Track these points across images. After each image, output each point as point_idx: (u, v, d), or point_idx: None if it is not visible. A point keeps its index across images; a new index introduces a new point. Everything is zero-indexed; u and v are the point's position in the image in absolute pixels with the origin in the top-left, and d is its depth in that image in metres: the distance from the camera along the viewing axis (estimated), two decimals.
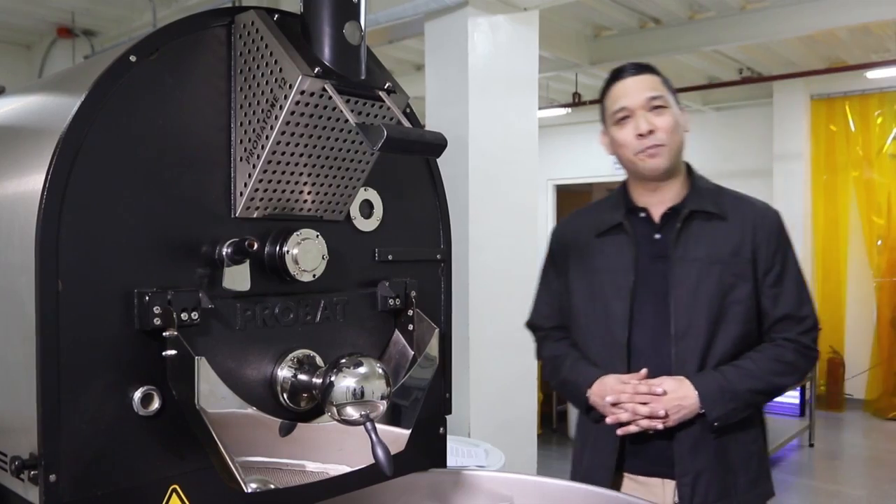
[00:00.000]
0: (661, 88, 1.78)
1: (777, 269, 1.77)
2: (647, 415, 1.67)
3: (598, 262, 1.83)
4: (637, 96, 1.76)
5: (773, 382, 1.74)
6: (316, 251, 1.18)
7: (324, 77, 1.05)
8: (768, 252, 1.76)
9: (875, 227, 7.25)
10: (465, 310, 3.46)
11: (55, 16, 5.35)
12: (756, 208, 1.82)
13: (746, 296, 1.74)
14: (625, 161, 1.82)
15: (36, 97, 1.19)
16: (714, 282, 1.72)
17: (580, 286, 1.86)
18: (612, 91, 1.83)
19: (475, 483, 1.44)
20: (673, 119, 1.76)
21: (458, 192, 3.53)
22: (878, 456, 6.06)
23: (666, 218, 1.80)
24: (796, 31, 5.29)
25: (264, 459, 1.10)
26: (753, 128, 7.82)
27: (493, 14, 3.71)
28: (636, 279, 1.77)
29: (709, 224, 1.77)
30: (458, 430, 3.41)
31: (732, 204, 1.81)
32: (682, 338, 1.72)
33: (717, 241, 1.75)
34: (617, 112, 1.79)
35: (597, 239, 1.85)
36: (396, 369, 1.32)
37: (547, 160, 8.26)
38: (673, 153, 1.76)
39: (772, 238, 1.78)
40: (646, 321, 1.76)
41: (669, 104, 1.77)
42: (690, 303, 1.72)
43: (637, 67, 1.82)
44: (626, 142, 1.78)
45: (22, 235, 0.96)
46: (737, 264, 1.74)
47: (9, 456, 0.99)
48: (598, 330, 1.82)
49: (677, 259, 1.74)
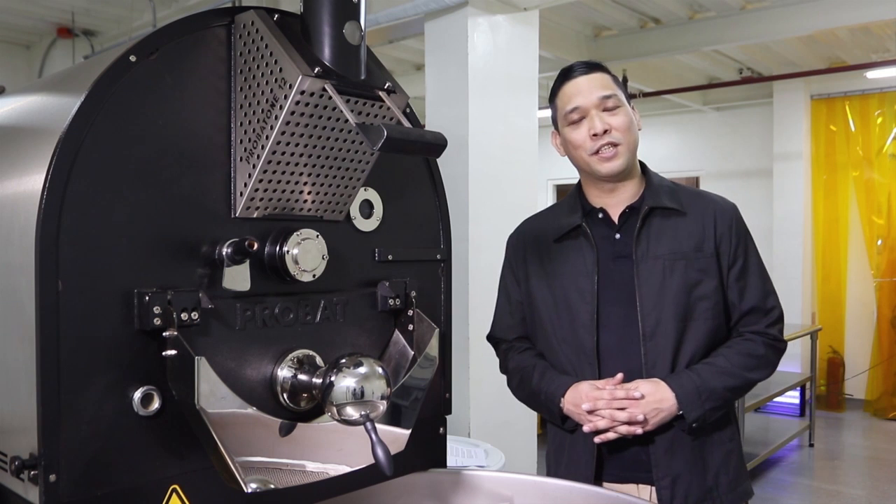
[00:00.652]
0: (612, 87, 1.75)
1: (740, 261, 1.75)
2: (625, 420, 1.64)
3: (559, 267, 1.79)
4: (590, 95, 1.72)
5: (746, 378, 1.72)
6: (316, 251, 1.18)
7: (324, 77, 1.05)
8: (731, 245, 1.74)
9: (875, 227, 7.25)
10: (465, 310, 3.46)
11: (55, 16, 5.35)
12: (715, 202, 1.80)
13: (712, 290, 1.72)
14: (579, 162, 1.78)
15: (36, 97, 1.19)
16: (679, 278, 1.70)
17: (543, 293, 1.82)
18: (563, 91, 1.78)
19: (475, 483, 1.44)
20: (627, 118, 1.73)
21: (458, 192, 3.53)
22: (878, 456, 6.06)
23: (625, 217, 1.77)
24: (796, 31, 5.28)
25: (264, 459, 1.10)
26: (753, 128, 7.82)
27: (493, 14, 3.71)
28: (599, 281, 1.73)
29: (669, 220, 1.74)
30: (458, 430, 3.41)
31: (690, 199, 1.78)
32: (650, 337, 1.69)
33: (678, 237, 1.73)
34: (570, 112, 1.74)
35: (556, 244, 1.81)
36: (396, 369, 1.32)
37: (547, 160, 8.21)
38: (629, 152, 1.73)
39: (733, 231, 1.75)
40: (613, 323, 1.73)
41: (622, 103, 1.74)
42: (657, 301, 1.69)
43: (587, 66, 1.77)
44: (580, 142, 1.74)
45: (22, 235, 0.97)
46: (700, 259, 1.72)
47: (9, 456, 0.99)
48: (564, 336, 1.77)
49: (640, 257, 1.71)
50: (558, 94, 1.79)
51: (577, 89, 1.74)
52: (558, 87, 1.79)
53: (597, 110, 1.72)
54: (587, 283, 1.74)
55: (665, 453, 1.69)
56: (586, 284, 1.74)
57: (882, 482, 5.39)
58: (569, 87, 1.76)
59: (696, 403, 1.65)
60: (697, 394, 1.65)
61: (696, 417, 1.66)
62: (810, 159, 7.45)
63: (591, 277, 1.74)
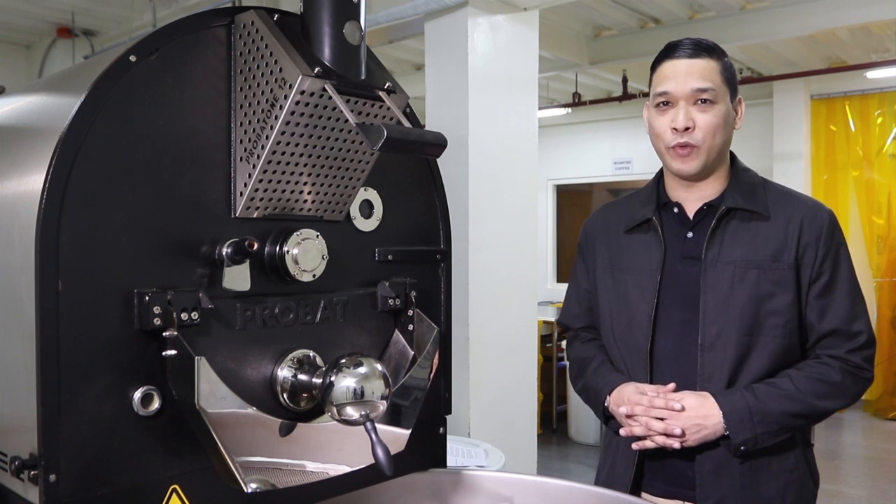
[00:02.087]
0: (714, 78, 1.57)
1: (826, 277, 1.57)
2: (660, 431, 1.53)
3: (624, 260, 1.69)
4: (684, 84, 1.56)
5: (814, 406, 1.54)
6: (316, 251, 1.18)
7: (324, 77, 1.05)
8: (817, 257, 1.57)
9: (875, 226, 7.25)
10: (465, 310, 3.46)
11: (55, 16, 5.35)
12: (805, 206, 1.61)
13: (786, 306, 1.56)
14: (657, 150, 1.66)
15: (36, 97, 1.19)
16: (749, 288, 1.55)
17: (606, 285, 1.72)
18: (660, 68, 1.62)
19: (475, 483, 1.44)
20: (719, 118, 1.57)
21: (458, 192, 3.53)
22: (878, 456, 6.06)
23: (701, 214, 1.64)
24: (796, 31, 5.28)
25: (264, 459, 1.10)
26: (753, 127, 7.81)
27: (493, 14, 3.70)
28: (662, 281, 1.62)
29: (748, 224, 1.59)
30: (457, 430, 3.41)
31: (777, 201, 1.62)
32: (710, 348, 1.56)
33: (755, 243, 1.58)
34: (659, 95, 1.60)
35: (625, 235, 1.70)
36: (396, 369, 1.32)
37: (547, 160, 8.26)
38: (709, 156, 1.59)
39: (822, 241, 1.57)
40: (671, 327, 1.61)
41: (720, 99, 1.58)
42: (721, 310, 1.56)
43: (695, 47, 1.58)
44: (660, 131, 1.61)
45: (22, 235, 0.96)
46: (777, 270, 1.56)
47: (9, 456, 0.99)
48: (621, 333, 1.68)
49: (709, 261, 1.58)
50: (656, 69, 1.64)
51: (673, 72, 1.59)
52: (658, 61, 1.64)
53: (687, 102, 1.57)
54: (649, 282, 1.63)
55: (710, 473, 1.57)
56: (648, 283, 1.63)
57: (882, 482, 5.39)
58: (667, 66, 1.60)
59: (745, 425, 1.51)
60: (749, 415, 1.51)
61: (745, 440, 1.52)
62: (810, 159, 7.45)
63: (654, 277, 1.63)
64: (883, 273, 7.20)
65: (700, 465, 1.58)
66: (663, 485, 1.64)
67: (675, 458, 1.60)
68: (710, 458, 1.57)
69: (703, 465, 1.57)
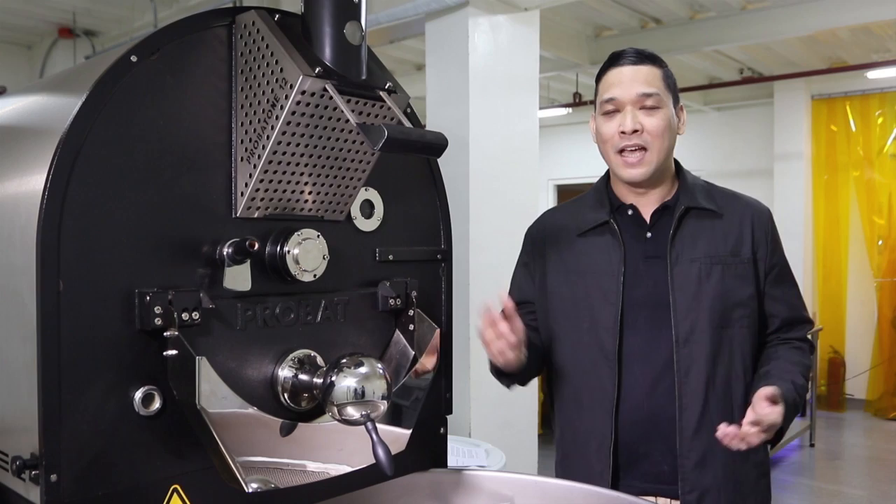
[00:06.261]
0: (658, 84, 1.63)
1: (777, 269, 1.69)
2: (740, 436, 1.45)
3: (582, 263, 1.69)
4: (629, 89, 1.61)
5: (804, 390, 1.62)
6: (317, 251, 1.18)
7: (324, 77, 1.05)
8: (768, 251, 1.68)
9: (876, 227, 7.24)
10: (466, 310, 3.45)
11: (56, 16, 5.35)
12: (751, 205, 1.72)
13: (748, 298, 1.65)
14: (605, 156, 1.69)
15: (37, 97, 1.19)
16: (716, 283, 1.62)
17: (561, 290, 1.72)
18: (605, 77, 1.67)
19: (476, 483, 1.44)
20: (664, 121, 1.62)
21: (459, 192, 3.53)
22: (879, 456, 6.06)
23: (657, 215, 1.68)
24: (797, 31, 5.28)
25: (265, 459, 1.10)
26: (754, 128, 7.82)
27: (493, 14, 3.71)
28: (626, 281, 1.64)
29: (704, 221, 1.66)
30: (458, 430, 3.41)
31: (726, 200, 1.71)
32: (684, 343, 1.60)
33: (714, 240, 1.65)
34: (606, 102, 1.65)
35: (579, 238, 1.71)
36: (397, 369, 1.32)
37: (547, 160, 8.25)
38: (657, 160, 1.63)
39: (769, 236, 1.69)
40: (639, 326, 1.63)
41: (664, 104, 1.63)
42: (692, 306, 1.61)
43: (638, 56, 1.65)
44: (608, 136, 1.65)
45: (23, 236, 0.97)
46: (738, 265, 1.64)
47: (10, 456, 0.99)
48: (582, 337, 1.67)
49: (674, 259, 1.63)
50: (601, 78, 1.69)
51: (618, 79, 1.64)
52: (604, 71, 1.69)
53: (633, 107, 1.62)
54: (612, 283, 1.64)
55: (695, 467, 1.59)
56: (611, 284, 1.65)
57: (883, 482, 5.39)
58: (612, 74, 1.66)
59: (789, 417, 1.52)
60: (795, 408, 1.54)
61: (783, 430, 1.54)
62: (811, 159, 7.45)
63: (616, 277, 1.64)
64: (883, 273, 7.20)
65: (684, 457, 1.60)
66: (640, 483, 1.64)
67: (653, 454, 1.63)
68: (696, 451, 1.60)
69: (688, 458, 1.60)
